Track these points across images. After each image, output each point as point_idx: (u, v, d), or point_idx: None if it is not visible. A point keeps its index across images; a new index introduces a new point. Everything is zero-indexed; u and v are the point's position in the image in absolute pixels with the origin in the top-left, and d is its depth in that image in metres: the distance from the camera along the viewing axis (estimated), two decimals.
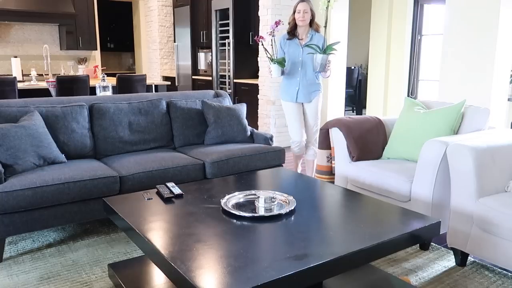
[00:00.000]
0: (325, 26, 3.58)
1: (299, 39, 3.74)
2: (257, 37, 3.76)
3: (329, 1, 3.48)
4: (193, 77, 7.86)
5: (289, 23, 3.77)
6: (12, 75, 6.30)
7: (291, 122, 3.90)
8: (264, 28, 5.59)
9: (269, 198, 2.05)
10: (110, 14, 9.98)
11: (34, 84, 5.79)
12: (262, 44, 3.72)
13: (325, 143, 3.34)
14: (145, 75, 6.22)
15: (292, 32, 3.74)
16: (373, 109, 7.00)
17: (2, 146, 2.64)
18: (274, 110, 5.69)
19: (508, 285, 2.31)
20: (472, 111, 2.93)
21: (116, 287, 2.22)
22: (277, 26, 3.61)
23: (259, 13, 5.71)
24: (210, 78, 7.35)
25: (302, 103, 3.85)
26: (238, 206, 2.08)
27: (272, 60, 3.72)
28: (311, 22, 3.71)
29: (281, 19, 3.79)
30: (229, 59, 6.74)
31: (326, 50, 3.56)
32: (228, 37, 6.66)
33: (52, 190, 2.59)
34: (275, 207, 2.05)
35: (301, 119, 3.87)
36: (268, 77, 5.50)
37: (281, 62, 3.70)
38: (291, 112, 3.86)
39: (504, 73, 3.95)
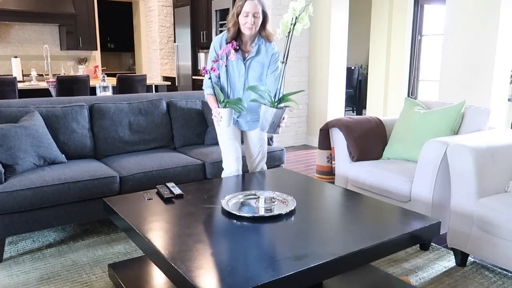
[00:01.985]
0: (284, 62, 2.32)
1: (242, 50, 2.63)
2: (204, 69, 2.49)
3: (294, 24, 2.23)
4: (193, 77, 7.86)
5: (228, 30, 2.59)
6: (12, 75, 6.31)
7: (225, 147, 2.83)
8: None
9: (269, 198, 2.05)
10: (110, 14, 9.99)
11: (34, 84, 5.80)
12: (210, 78, 2.56)
13: (325, 143, 3.34)
14: (145, 75, 6.22)
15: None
16: (373, 109, 7.00)
17: (2, 146, 2.64)
18: None
19: (508, 285, 2.30)
20: (472, 111, 2.94)
21: (116, 287, 2.22)
22: (234, 51, 2.49)
23: None
24: None
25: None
26: (238, 206, 2.08)
27: (222, 101, 2.52)
28: (261, 27, 2.61)
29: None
30: None
31: (281, 100, 2.32)
32: None
33: (52, 190, 2.59)
34: (275, 207, 2.05)
35: (238, 144, 2.85)
36: None
37: (236, 105, 2.51)
38: (225, 134, 2.80)
39: (504, 73, 3.95)
